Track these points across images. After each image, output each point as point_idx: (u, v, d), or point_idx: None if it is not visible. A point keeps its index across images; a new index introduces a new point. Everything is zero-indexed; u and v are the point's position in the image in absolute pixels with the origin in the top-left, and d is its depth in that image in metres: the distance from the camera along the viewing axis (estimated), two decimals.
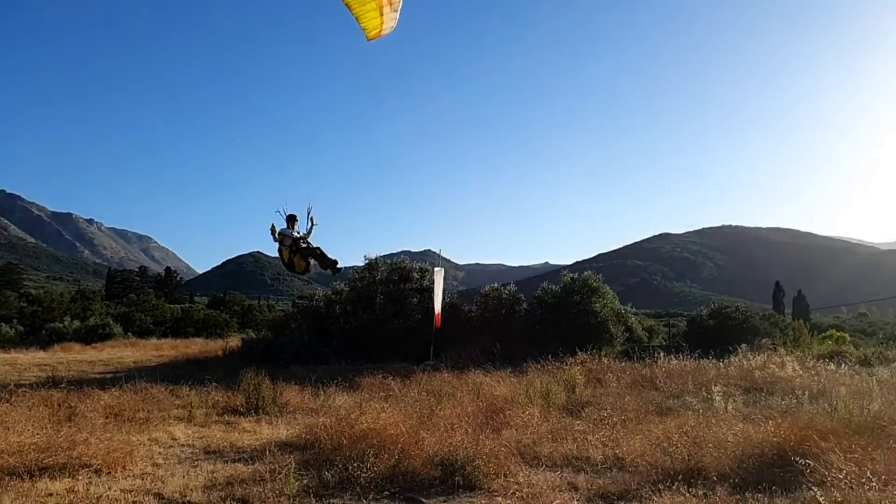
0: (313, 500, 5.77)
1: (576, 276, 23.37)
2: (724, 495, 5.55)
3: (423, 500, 5.89)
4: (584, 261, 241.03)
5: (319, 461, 7.06)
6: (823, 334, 38.82)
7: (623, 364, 16.81)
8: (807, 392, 11.27)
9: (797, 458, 6.06)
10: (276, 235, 10.96)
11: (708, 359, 17.76)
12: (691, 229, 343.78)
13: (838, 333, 42.06)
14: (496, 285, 24.33)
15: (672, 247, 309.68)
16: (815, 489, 5.38)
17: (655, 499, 5.60)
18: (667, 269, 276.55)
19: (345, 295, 23.98)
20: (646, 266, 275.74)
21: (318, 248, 11.33)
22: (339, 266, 11.10)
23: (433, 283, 18.46)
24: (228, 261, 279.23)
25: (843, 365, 16.88)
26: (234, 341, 27.87)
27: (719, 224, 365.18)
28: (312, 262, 11.17)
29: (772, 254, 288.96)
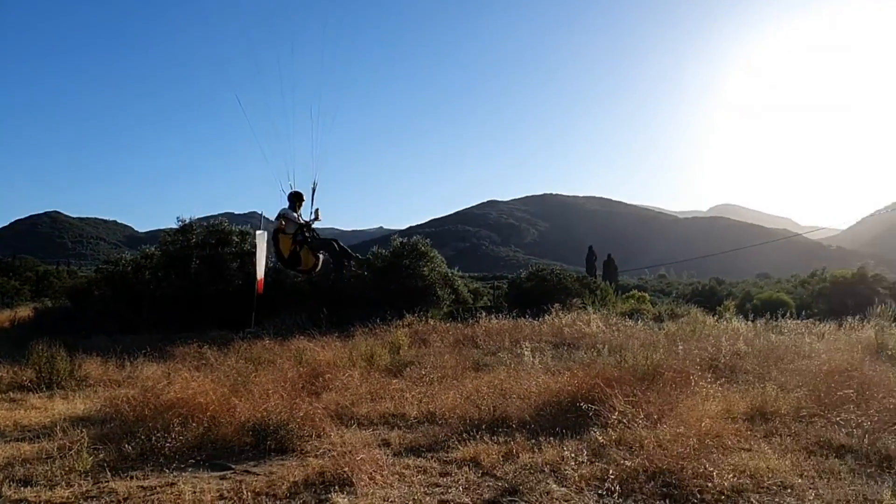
0: (109, 474, 5.39)
1: (405, 240, 23.80)
2: (521, 440, 6.06)
3: (232, 466, 5.75)
4: (417, 226, 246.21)
5: (120, 435, 6.59)
6: (627, 294, 43.43)
7: (448, 325, 17.52)
8: (606, 346, 12.49)
9: (585, 404, 6.79)
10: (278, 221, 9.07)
11: (525, 318, 19.00)
12: (517, 197, 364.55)
13: (639, 293, 47.23)
14: None
15: (499, 213, 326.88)
16: (596, 430, 6.08)
17: (461, 448, 5.98)
18: (494, 234, 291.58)
19: (156, 259, 22.27)
20: (475, 231, 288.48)
21: (334, 240, 9.61)
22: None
23: (255, 246, 17.73)
24: (18, 221, 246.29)
25: (640, 321, 19.00)
26: (25, 311, 24.98)
27: (542, 192, 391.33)
28: (322, 257, 9.28)
29: (587, 221, 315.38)
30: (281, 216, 9.17)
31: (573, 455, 5.52)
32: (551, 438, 6.03)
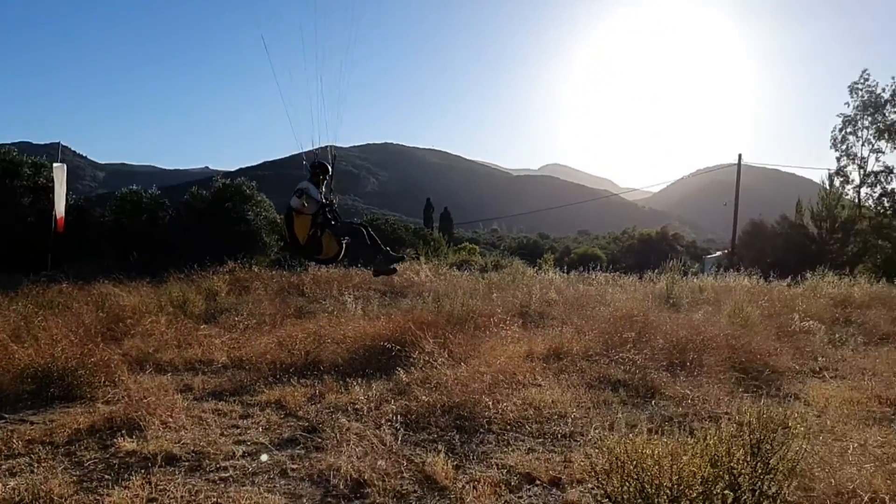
0: None
1: (228, 181, 22.63)
2: (329, 382, 6.16)
3: (4, 416, 5.25)
4: (249, 168, 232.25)
5: None
6: (459, 246, 45.19)
7: (275, 273, 17.12)
8: (432, 293, 12.95)
9: (397, 347, 7.04)
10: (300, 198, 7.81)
11: (357, 267, 19.10)
12: (356, 144, 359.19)
13: (471, 245, 49.34)
14: (135, 188, 22.30)
15: (338, 160, 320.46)
16: (403, 371, 6.35)
17: (266, 391, 5.95)
18: (332, 182, 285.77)
19: None
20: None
21: (362, 225, 8.43)
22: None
23: (52, 180, 15.92)
24: None
25: (467, 271, 19.94)
26: None
27: (382, 141, 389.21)
28: (346, 243, 8.02)
29: (427, 173, 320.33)
30: (304, 193, 7.81)
31: (377, 394, 5.74)
32: (360, 380, 6.18)
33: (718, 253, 47.49)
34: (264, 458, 4.33)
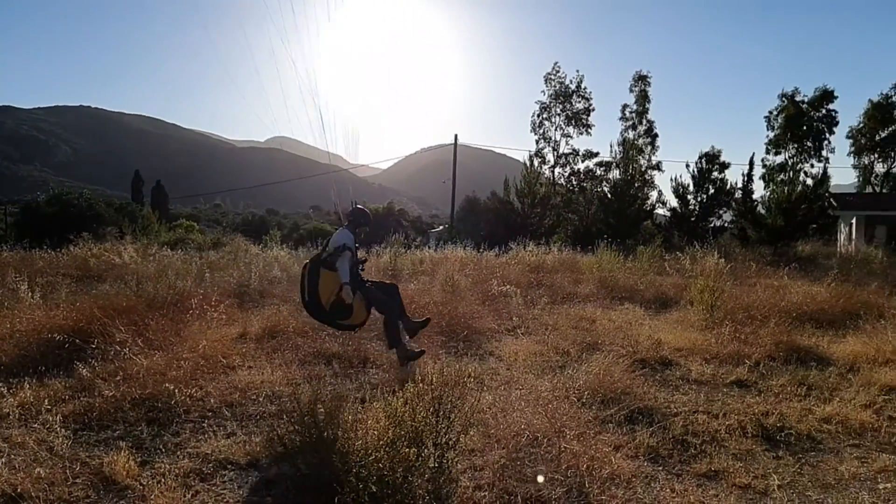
0: None
1: None
2: None
3: None
4: None
5: None
6: (175, 223, 41.95)
7: None
8: (136, 276, 11.78)
9: (81, 338, 6.30)
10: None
11: (43, 249, 16.68)
12: (42, 106, 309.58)
13: (189, 223, 46.16)
14: None
15: (17, 123, 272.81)
16: (87, 364, 5.70)
17: None
18: (10, 148, 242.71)
19: None
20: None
21: (394, 285, 6.90)
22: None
23: None
24: None
25: (183, 251, 18.59)
26: None
27: (77, 104, 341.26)
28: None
29: (135, 142, 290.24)
30: (345, 248, 6.31)
31: (52, 393, 5.08)
32: (31, 379, 5.39)
33: (441, 227, 51.37)
34: None
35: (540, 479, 3.47)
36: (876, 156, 42.92)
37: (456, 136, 39.71)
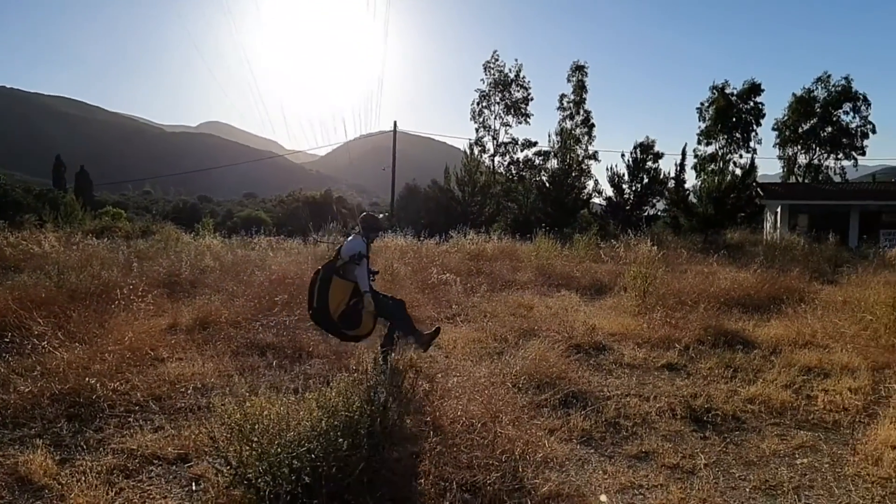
0: None
1: None
2: None
3: None
4: None
5: None
6: (101, 211, 40.30)
7: None
8: (57, 266, 11.25)
9: None
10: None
11: None
12: None
13: (116, 210, 44.45)
14: None
15: None
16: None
17: None
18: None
19: None
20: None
21: (402, 301, 6.59)
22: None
23: None
24: None
25: (108, 240, 17.89)
26: None
27: None
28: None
29: (56, 125, 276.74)
30: (361, 257, 6.05)
31: None
32: None
33: (381, 215, 50.88)
34: None
35: (603, 498, 3.45)
36: (799, 147, 44.98)
37: (395, 122, 39.55)
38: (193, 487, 3.49)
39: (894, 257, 16.62)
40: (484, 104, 45.07)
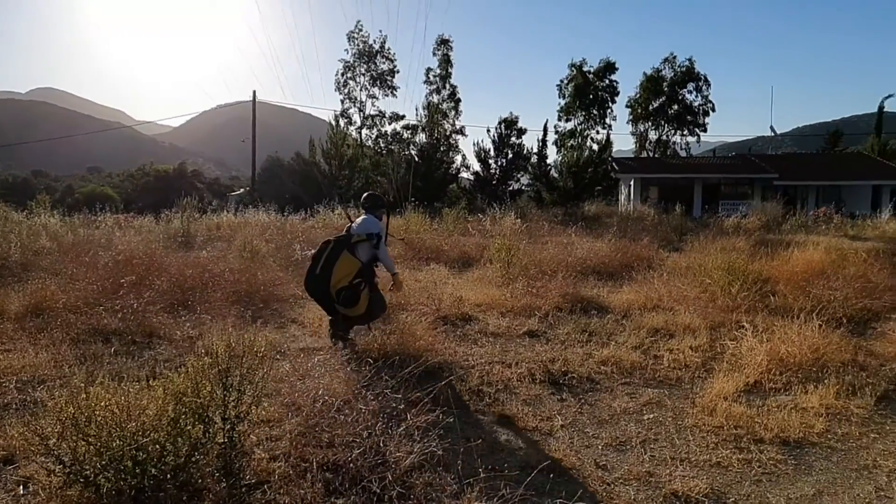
0: None
1: None
2: None
3: None
4: None
5: None
6: None
7: None
8: None
9: None
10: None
11: None
12: None
13: None
14: None
15: None
16: None
17: None
18: None
19: None
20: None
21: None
22: None
23: None
24: None
25: None
26: None
27: None
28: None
29: None
30: (378, 237, 6.04)
31: None
32: None
33: (242, 190, 48.96)
34: None
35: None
36: (650, 124, 48.16)
37: (254, 92, 37.77)
38: (21, 491, 3.17)
39: (730, 225, 18.30)
40: (349, 75, 44.30)
